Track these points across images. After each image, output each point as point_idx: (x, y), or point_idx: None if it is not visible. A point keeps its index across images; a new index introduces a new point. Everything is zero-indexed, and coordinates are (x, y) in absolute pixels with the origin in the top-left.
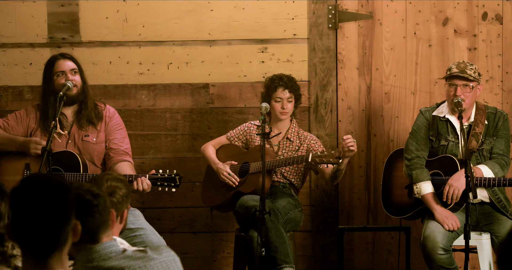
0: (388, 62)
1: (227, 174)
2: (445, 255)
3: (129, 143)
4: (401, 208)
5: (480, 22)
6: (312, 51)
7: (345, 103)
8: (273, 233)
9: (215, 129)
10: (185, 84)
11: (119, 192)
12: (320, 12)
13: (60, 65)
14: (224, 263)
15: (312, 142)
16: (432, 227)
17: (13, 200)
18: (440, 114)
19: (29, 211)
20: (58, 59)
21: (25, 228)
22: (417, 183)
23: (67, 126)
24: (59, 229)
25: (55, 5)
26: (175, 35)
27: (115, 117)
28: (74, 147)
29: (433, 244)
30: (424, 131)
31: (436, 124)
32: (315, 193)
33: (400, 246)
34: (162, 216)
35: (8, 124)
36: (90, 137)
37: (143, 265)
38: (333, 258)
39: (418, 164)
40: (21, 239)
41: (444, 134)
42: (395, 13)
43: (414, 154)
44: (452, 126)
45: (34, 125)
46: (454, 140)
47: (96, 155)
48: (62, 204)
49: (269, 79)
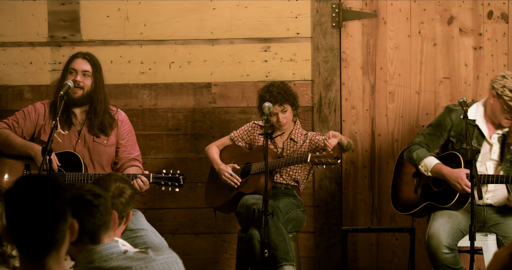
0: (393, 61)
1: (228, 175)
2: (450, 254)
3: (139, 150)
4: (407, 204)
5: (485, 20)
6: (315, 50)
7: (349, 102)
8: (273, 231)
9: (218, 129)
10: (187, 84)
11: (127, 192)
12: (323, 10)
13: (75, 63)
14: (227, 265)
15: (313, 136)
16: (436, 225)
17: (7, 200)
18: (470, 117)
19: (22, 210)
20: (78, 57)
21: (20, 228)
22: (420, 161)
23: (77, 124)
24: (54, 228)
25: (56, 4)
26: (177, 34)
27: (126, 122)
28: (84, 147)
29: (438, 242)
30: (441, 129)
31: (462, 126)
32: (318, 194)
33: (405, 247)
34: (164, 217)
35: (17, 123)
36: (102, 139)
37: (145, 266)
38: (337, 259)
39: (416, 146)
40: (16, 239)
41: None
42: (400, 12)
43: (415, 142)
44: (481, 133)
45: (42, 121)
46: (477, 147)
47: (105, 157)
48: (56, 202)
49: (260, 95)
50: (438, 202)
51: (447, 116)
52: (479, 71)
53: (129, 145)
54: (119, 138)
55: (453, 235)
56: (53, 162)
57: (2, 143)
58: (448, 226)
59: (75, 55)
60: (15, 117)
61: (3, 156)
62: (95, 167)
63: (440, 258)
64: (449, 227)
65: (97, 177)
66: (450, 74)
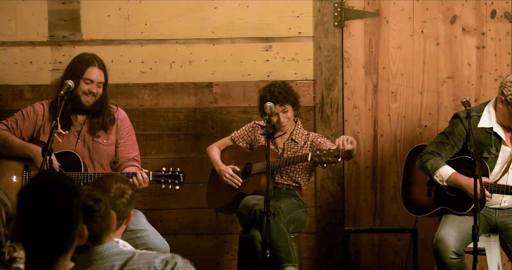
0: (395, 61)
1: (229, 176)
2: (457, 259)
3: (138, 149)
4: (420, 207)
5: (488, 20)
6: (317, 49)
7: (351, 102)
8: (275, 231)
9: (219, 129)
10: (188, 83)
11: (128, 192)
12: (325, 10)
13: (92, 74)
14: (228, 266)
15: (314, 137)
16: (446, 230)
17: (20, 200)
18: (485, 125)
19: (36, 214)
20: (93, 65)
21: (31, 231)
22: (435, 171)
23: (77, 125)
24: (66, 234)
25: (56, 3)
26: (178, 33)
27: (126, 121)
28: (84, 147)
29: (446, 247)
30: (455, 139)
31: (478, 134)
32: (320, 194)
33: (407, 248)
34: (165, 218)
35: (16, 124)
36: (101, 138)
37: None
38: (339, 260)
39: (429, 156)
40: (27, 241)
41: (487, 146)
42: (402, 11)
43: (427, 151)
44: (498, 137)
45: (41, 122)
46: (495, 153)
47: (105, 157)
48: (71, 208)
49: (261, 95)
50: (454, 208)
51: (460, 124)
52: (482, 70)
53: (128, 144)
54: (118, 138)
55: (462, 241)
56: (53, 162)
57: (1, 145)
58: (458, 231)
59: (89, 63)
60: (13, 118)
61: (2, 157)
62: (95, 166)
63: (446, 263)
64: (459, 232)
65: (97, 178)
66: (453, 73)
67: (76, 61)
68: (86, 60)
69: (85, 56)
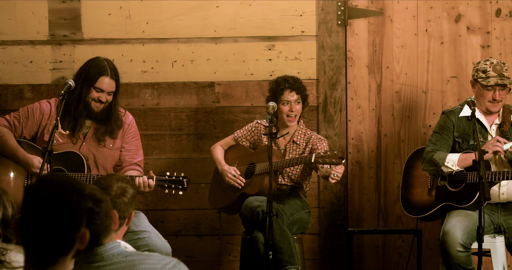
0: (399, 60)
1: (232, 176)
2: (464, 253)
3: (142, 155)
4: (421, 207)
5: (493, 18)
6: (320, 48)
7: (355, 102)
8: (278, 233)
9: (221, 128)
10: (190, 83)
11: (129, 191)
12: (329, 8)
13: (104, 83)
14: (230, 267)
15: (315, 141)
16: (452, 222)
17: (26, 198)
18: (466, 114)
19: (40, 214)
20: (106, 75)
21: (35, 227)
22: (444, 160)
23: (84, 128)
24: (68, 234)
25: (56, 2)
26: (180, 32)
27: (133, 126)
28: (89, 151)
29: (453, 240)
30: (447, 132)
31: (463, 125)
32: (323, 195)
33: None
34: (167, 219)
35: (19, 121)
36: (107, 142)
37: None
38: (342, 261)
39: (431, 153)
40: (28, 238)
41: (470, 134)
42: (406, 10)
43: (428, 151)
44: (482, 126)
45: (46, 121)
46: (483, 140)
47: (110, 161)
48: (76, 209)
49: (274, 82)
50: (456, 202)
51: (446, 119)
52: None
53: (132, 149)
54: (124, 142)
55: (469, 234)
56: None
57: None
58: (464, 224)
59: (102, 71)
60: (17, 114)
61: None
62: (99, 170)
63: (454, 256)
64: (465, 225)
65: (98, 177)
66: (457, 73)
67: (89, 67)
68: (100, 68)
69: (99, 63)
